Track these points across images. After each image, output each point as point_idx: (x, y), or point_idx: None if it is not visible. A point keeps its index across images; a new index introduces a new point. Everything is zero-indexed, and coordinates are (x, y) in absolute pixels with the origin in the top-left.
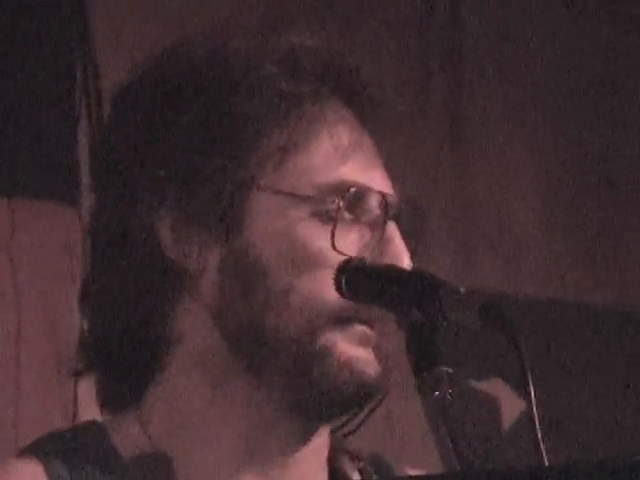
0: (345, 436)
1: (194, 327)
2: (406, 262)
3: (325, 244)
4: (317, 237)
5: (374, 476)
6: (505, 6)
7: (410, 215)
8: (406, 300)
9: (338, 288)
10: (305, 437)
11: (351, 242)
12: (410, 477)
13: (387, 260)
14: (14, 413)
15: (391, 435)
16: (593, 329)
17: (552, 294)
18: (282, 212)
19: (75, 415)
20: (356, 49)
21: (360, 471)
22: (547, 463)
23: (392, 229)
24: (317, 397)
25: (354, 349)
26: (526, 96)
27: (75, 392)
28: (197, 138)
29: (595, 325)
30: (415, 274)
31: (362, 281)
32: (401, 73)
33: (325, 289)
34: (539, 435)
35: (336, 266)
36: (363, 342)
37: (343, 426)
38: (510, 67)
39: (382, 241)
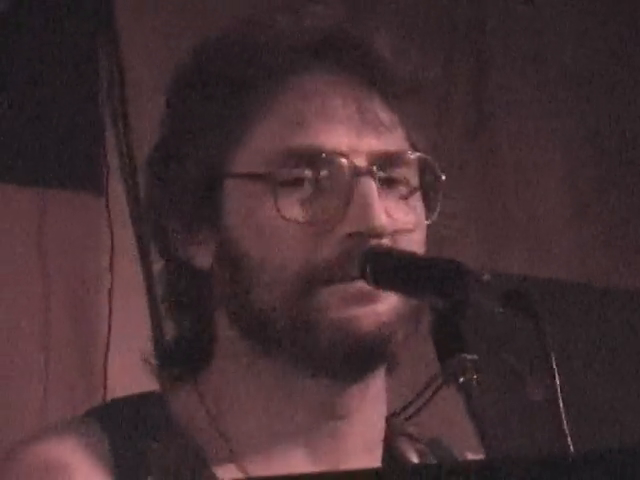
0: (407, 419)
1: (219, 317)
2: (375, 222)
3: (274, 213)
4: (268, 208)
5: (433, 459)
6: None
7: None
8: (430, 287)
9: (363, 276)
10: (341, 401)
11: (306, 206)
12: (463, 462)
13: (352, 220)
14: (44, 398)
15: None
16: (619, 314)
17: (578, 279)
18: (244, 192)
19: (104, 397)
20: (379, 31)
21: (419, 452)
22: (572, 449)
23: (362, 186)
24: (322, 356)
25: (346, 308)
26: (552, 82)
27: (105, 374)
28: (178, 134)
29: (621, 310)
30: (439, 261)
31: (386, 269)
32: (426, 58)
33: (288, 257)
34: (564, 421)
35: (290, 233)
36: (360, 299)
37: (404, 409)
38: (536, 50)
39: (350, 199)
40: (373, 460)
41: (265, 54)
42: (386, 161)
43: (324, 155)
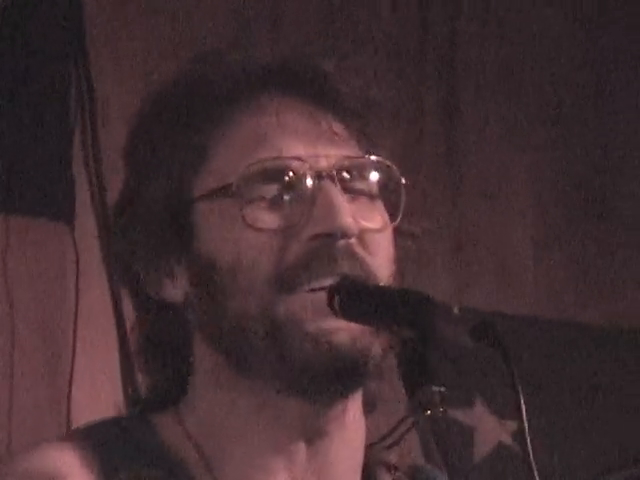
0: (388, 448)
1: (196, 345)
2: (340, 221)
3: (241, 223)
4: (235, 220)
5: None
6: (501, 24)
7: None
8: (399, 319)
9: (331, 307)
10: (319, 424)
11: (272, 214)
12: None
13: (317, 223)
14: (7, 421)
15: None
16: (587, 347)
17: (546, 314)
18: (213, 211)
19: (68, 422)
20: (352, 71)
21: None
22: None
23: (324, 190)
24: (298, 373)
25: (320, 321)
26: (523, 114)
27: (68, 401)
28: (140, 175)
29: (588, 343)
30: (408, 293)
31: (355, 301)
32: (397, 97)
33: (256, 265)
34: (531, 454)
35: (256, 241)
36: (328, 312)
37: (384, 438)
38: (506, 88)
39: (314, 203)
40: None
41: (219, 85)
42: (345, 166)
43: (285, 163)
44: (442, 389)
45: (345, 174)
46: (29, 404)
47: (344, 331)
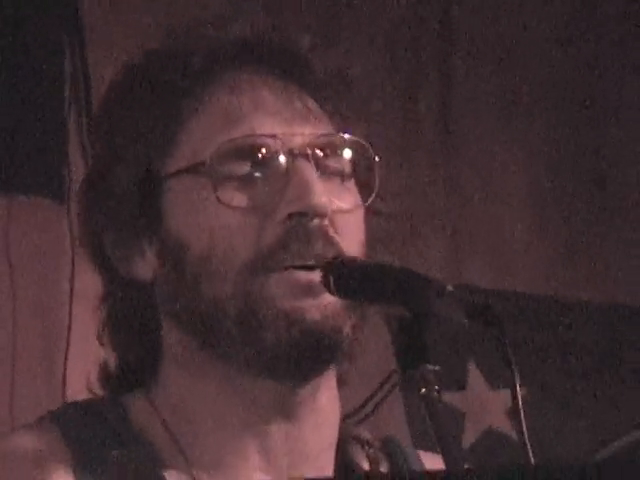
0: (359, 423)
1: (165, 325)
2: (314, 200)
3: (214, 202)
4: (207, 199)
5: (385, 463)
6: (496, 6)
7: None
8: (394, 298)
9: (327, 286)
10: (292, 404)
11: (247, 192)
12: (419, 472)
13: (291, 202)
14: (9, 397)
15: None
16: (581, 325)
17: (539, 291)
18: (186, 190)
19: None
20: (348, 54)
21: (370, 458)
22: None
23: (298, 169)
24: (270, 354)
25: (293, 300)
26: (516, 100)
27: (64, 378)
28: (111, 147)
29: (582, 321)
30: (403, 272)
31: (350, 280)
32: (392, 79)
33: (231, 245)
34: (525, 432)
35: (231, 220)
36: (305, 291)
37: (355, 413)
38: (500, 70)
39: (288, 183)
40: (326, 464)
41: (192, 59)
42: (319, 144)
43: (259, 141)
44: (437, 368)
45: (319, 152)
46: (29, 377)
47: (316, 309)
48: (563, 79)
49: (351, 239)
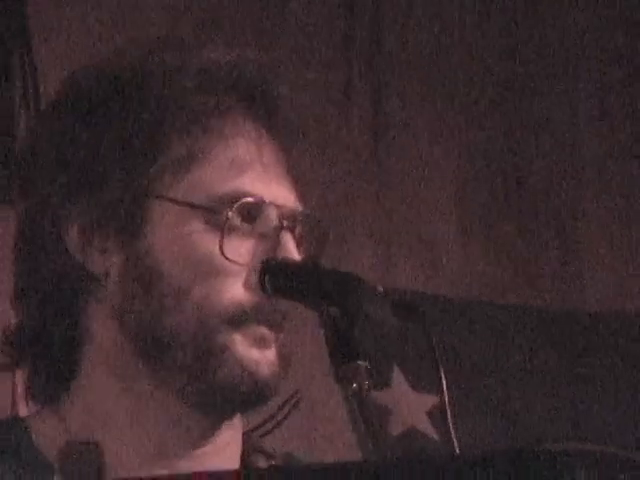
0: (262, 436)
1: (101, 327)
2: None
3: (216, 251)
4: (209, 245)
5: None
6: (425, 15)
7: (310, 226)
8: (326, 297)
9: (262, 286)
10: (211, 432)
11: (244, 250)
12: (345, 462)
13: None
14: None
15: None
16: (506, 327)
17: (466, 294)
18: (179, 220)
19: (13, 406)
20: (280, 62)
21: None
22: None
23: (285, 239)
24: (214, 394)
25: (249, 350)
26: (445, 110)
27: (13, 385)
28: (105, 148)
29: (508, 323)
30: (335, 273)
31: (284, 279)
32: (324, 86)
33: (217, 293)
34: (451, 426)
35: (227, 272)
36: (260, 343)
37: (259, 427)
38: (430, 82)
39: (276, 250)
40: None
41: (190, 93)
42: (293, 217)
43: (260, 205)
44: (367, 364)
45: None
46: None
47: (266, 362)
48: (485, 95)
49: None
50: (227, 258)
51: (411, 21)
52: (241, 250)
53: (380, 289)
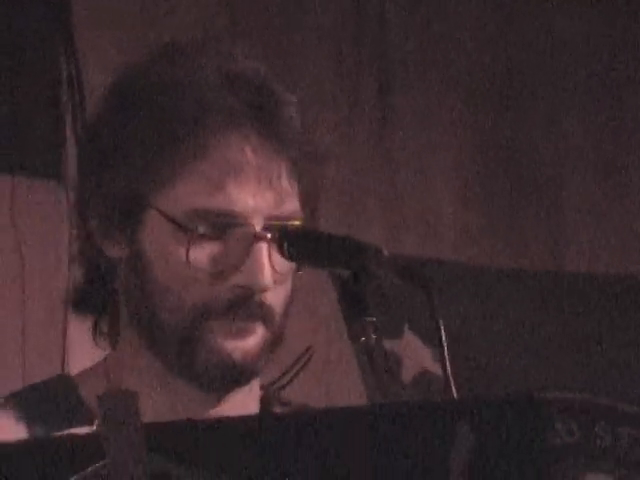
0: (279, 389)
1: (120, 303)
2: (263, 281)
3: (186, 262)
4: (181, 253)
5: None
6: (426, 18)
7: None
8: (338, 261)
9: (281, 251)
10: (218, 398)
11: (210, 258)
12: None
13: (245, 276)
14: (21, 350)
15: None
16: (499, 289)
17: (464, 257)
18: (163, 229)
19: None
20: (295, 62)
21: None
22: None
23: (257, 248)
24: (199, 374)
25: (224, 341)
26: (446, 97)
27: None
28: (114, 157)
29: (500, 286)
30: (345, 239)
31: (301, 245)
32: (336, 75)
33: (190, 294)
34: (451, 380)
35: (195, 276)
36: (236, 335)
37: (276, 381)
38: (433, 71)
39: (245, 259)
40: None
41: (196, 104)
42: (280, 222)
43: (231, 217)
44: (374, 320)
45: (276, 233)
46: (39, 331)
47: (240, 351)
48: (487, 82)
49: (279, 297)
50: (193, 267)
51: (416, 18)
52: (206, 258)
53: (385, 252)
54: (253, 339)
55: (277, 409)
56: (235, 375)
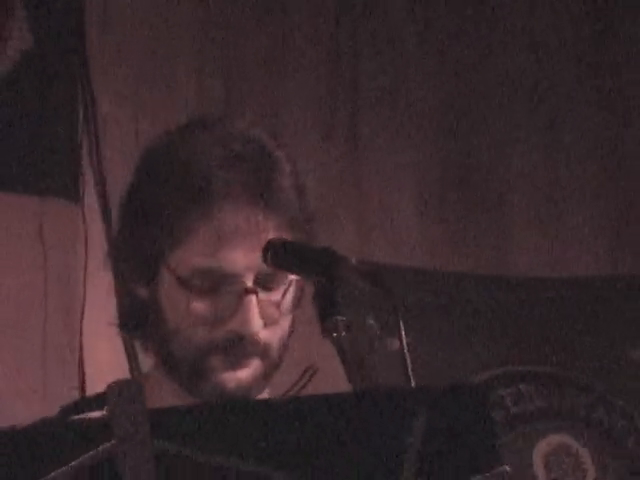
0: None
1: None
2: (252, 328)
3: (187, 308)
4: (184, 303)
5: None
6: (394, 57)
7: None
8: (313, 268)
9: (265, 260)
10: None
11: (208, 308)
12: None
13: (237, 323)
14: (42, 352)
15: None
16: (455, 289)
17: (424, 265)
18: (172, 282)
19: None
20: (278, 96)
21: None
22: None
23: (247, 300)
24: (205, 398)
25: (223, 373)
26: (409, 125)
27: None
28: (141, 217)
29: (456, 286)
30: (320, 250)
31: (282, 255)
32: (314, 105)
33: (193, 337)
34: (410, 370)
35: (195, 322)
36: (234, 367)
37: (288, 392)
38: (398, 103)
39: (240, 309)
40: None
41: (203, 185)
42: (269, 277)
43: (225, 276)
44: (344, 318)
45: (266, 285)
46: (60, 338)
47: (232, 381)
48: (445, 114)
49: (275, 334)
50: (194, 314)
51: (385, 57)
52: (205, 308)
53: (353, 261)
54: (247, 371)
55: None
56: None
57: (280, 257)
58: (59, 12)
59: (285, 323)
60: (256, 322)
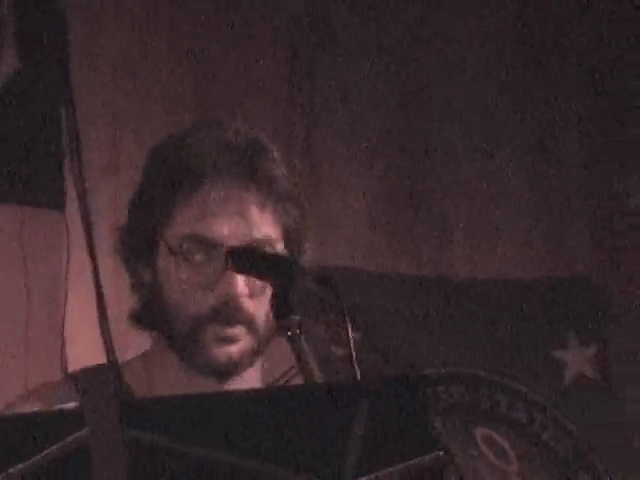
0: None
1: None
2: (237, 289)
3: (178, 277)
4: (176, 271)
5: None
6: (349, 76)
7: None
8: (270, 272)
9: (226, 264)
10: (222, 387)
11: (198, 274)
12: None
13: (224, 286)
14: (25, 350)
15: None
16: (401, 290)
17: (373, 268)
18: (166, 254)
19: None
20: (245, 106)
21: None
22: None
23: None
24: (200, 368)
25: (214, 348)
26: (361, 140)
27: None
28: (143, 199)
29: (402, 288)
30: (276, 256)
31: (243, 259)
32: (272, 120)
33: (188, 305)
34: (356, 364)
35: (188, 290)
36: (223, 341)
37: (278, 380)
38: (351, 118)
39: (225, 272)
40: None
41: (193, 165)
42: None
43: (213, 242)
44: (298, 317)
45: None
46: (42, 334)
47: (223, 354)
48: (393, 133)
49: (261, 306)
50: (184, 281)
51: (340, 74)
52: (195, 274)
53: (305, 266)
54: (237, 346)
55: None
56: (223, 371)
57: (241, 262)
58: (44, 37)
59: (266, 297)
60: (240, 285)
